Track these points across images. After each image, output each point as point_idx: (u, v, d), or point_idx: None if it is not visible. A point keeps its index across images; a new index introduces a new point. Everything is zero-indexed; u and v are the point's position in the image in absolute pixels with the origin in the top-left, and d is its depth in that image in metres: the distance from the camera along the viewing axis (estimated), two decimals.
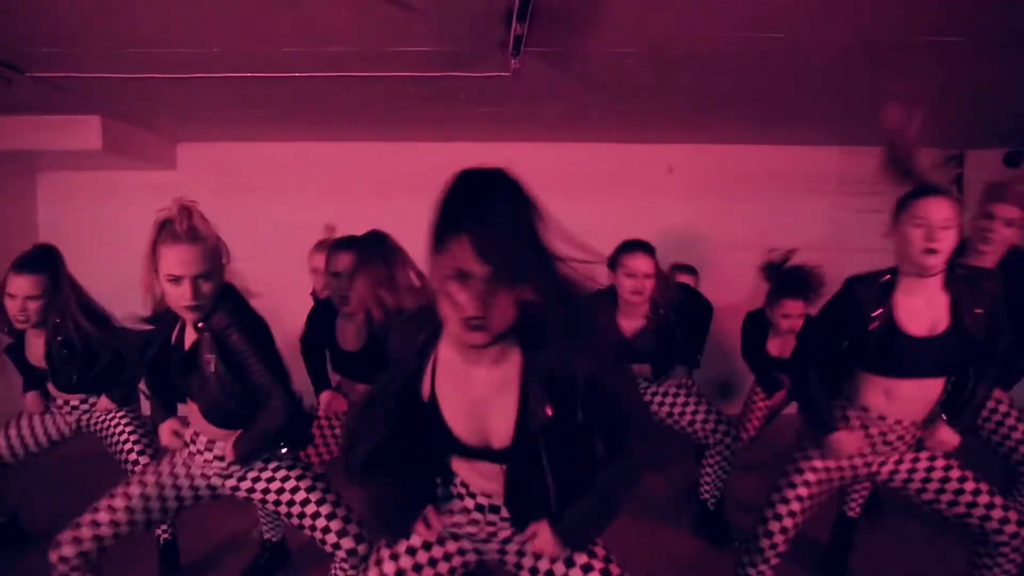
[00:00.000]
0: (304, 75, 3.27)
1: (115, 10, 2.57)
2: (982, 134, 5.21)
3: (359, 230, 2.67)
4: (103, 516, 2.00)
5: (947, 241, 1.91)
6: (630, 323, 3.01)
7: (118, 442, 2.80)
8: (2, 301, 2.63)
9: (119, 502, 2.02)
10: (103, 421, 2.81)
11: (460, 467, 1.51)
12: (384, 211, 3.37)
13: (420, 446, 1.44)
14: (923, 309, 1.99)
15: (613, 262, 2.97)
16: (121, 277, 5.03)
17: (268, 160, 5.37)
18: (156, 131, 5.05)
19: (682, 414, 3.09)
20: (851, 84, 3.55)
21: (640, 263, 2.89)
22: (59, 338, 2.62)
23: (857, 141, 5.40)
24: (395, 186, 5.00)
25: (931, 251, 1.91)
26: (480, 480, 1.49)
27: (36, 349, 2.71)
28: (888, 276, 2.04)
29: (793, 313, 3.31)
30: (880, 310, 2.00)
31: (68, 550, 1.98)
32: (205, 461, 2.07)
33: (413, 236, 1.90)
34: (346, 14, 2.54)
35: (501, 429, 1.37)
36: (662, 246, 3.81)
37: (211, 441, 2.06)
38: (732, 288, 4.85)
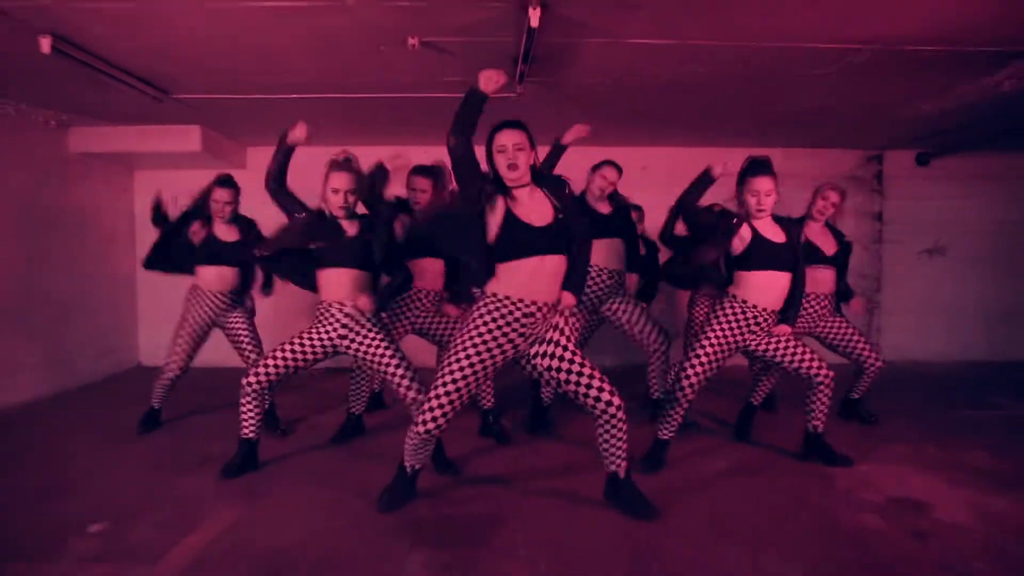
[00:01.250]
0: (369, 96, 4.58)
1: (239, 53, 3.84)
2: (896, 139, 6.47)
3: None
4: (271, 361, 3.30)
5: (769, 204, 3.25)
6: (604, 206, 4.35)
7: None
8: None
9: (279, 354, 3.31)
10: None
11: (525, 271, 2.70)
12: None
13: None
14: (771, 229, 3.36)
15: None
16: None
17: (320, 161, 6.65)
18: (233, 138, 6.35)
19: (635, 322, 4.32)
20: (760, 104, 4.86)
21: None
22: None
23: (794, 144, 6.73)
24: None
25: (761, 211, 3.27)
26: (538, 285, 2.72)
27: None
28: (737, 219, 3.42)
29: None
30: (751, 232, 3.36)
31: (251, 379, 3.30)
32: (340, 322, 3.32)
33: None
34: (409, 58, 3.84)
35: (547, 216, 2.75)
36: None
37: (343, 304, 3.32)
38: None
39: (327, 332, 3.35)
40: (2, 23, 3.25)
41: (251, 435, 3.47)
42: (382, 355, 3.33)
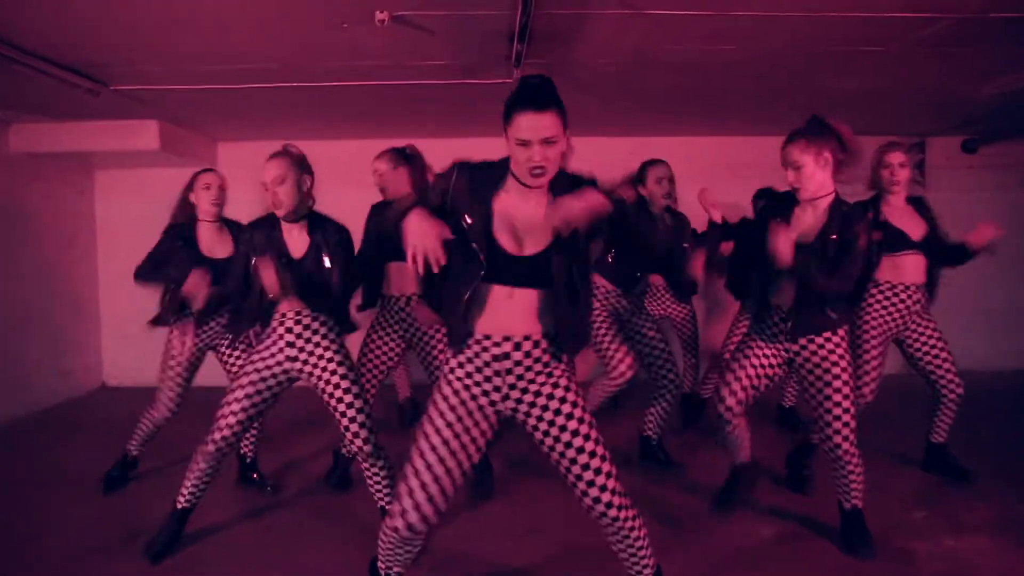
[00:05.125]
0: (342, 84, 3.93)
1: (187, 34, 3.20)
2: (941, 123, 5.78)
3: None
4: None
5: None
6: None
7: None
8: None
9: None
10: None
11: (497, 300, 1.97)
12: None
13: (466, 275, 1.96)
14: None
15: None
16: None
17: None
18: (200, 132, 5.69)
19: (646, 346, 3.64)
20: (797, 85, 4.18)
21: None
22: None
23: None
24: None
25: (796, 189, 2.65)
26: (510, 317, 1.97)
27: None
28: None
29: None
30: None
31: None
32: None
33: None
34: (380, 38, 3.17)
35: (537, 238, 1.95)
36: None
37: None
38: None
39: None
40: None
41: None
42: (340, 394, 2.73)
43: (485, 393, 2.01)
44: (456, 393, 2.02)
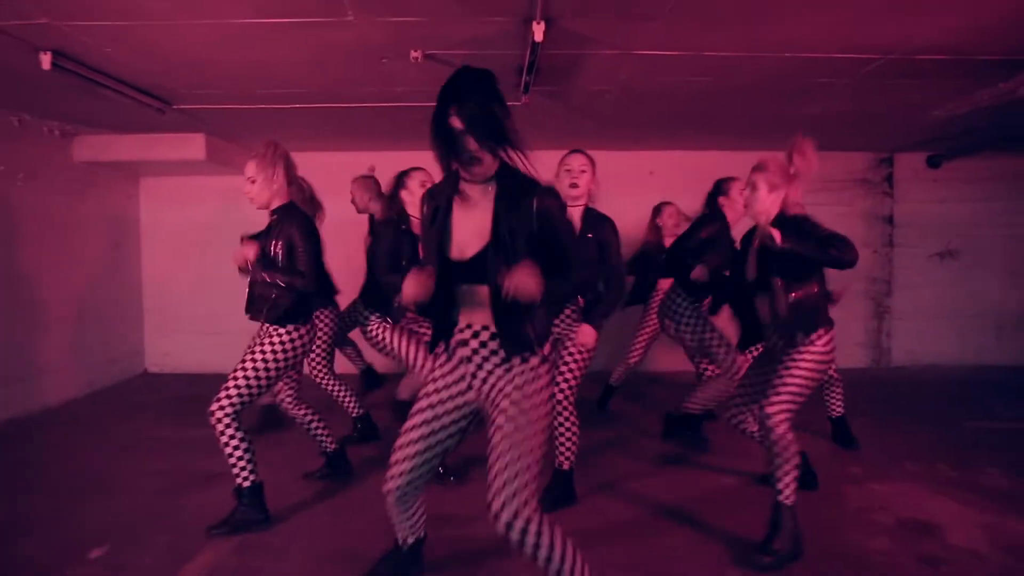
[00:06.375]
0: (375, 105, 4.55)
1: (237, 65, 3.80)
2: (906, 141, 6.37)
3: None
4: None
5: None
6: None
7: None
8: None
9: None
10: None
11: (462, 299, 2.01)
12: None
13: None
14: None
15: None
16: (209, 262, 6.35)
17: (326, 167, 6.60)
18: (240, 144, 6.31)
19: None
20: (766, 109, 4.80)
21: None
22: None
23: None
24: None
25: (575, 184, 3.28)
26: (478, 311, 1.97)
27: None
28: None
29: None
30: None
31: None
32: None
33: None
34: (414, 71, 3.79)
35: (475, 239, 1.93)
36: None
37: None
38: None
39: None
40: (2, 40, 3.23)
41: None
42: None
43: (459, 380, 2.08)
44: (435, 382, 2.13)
